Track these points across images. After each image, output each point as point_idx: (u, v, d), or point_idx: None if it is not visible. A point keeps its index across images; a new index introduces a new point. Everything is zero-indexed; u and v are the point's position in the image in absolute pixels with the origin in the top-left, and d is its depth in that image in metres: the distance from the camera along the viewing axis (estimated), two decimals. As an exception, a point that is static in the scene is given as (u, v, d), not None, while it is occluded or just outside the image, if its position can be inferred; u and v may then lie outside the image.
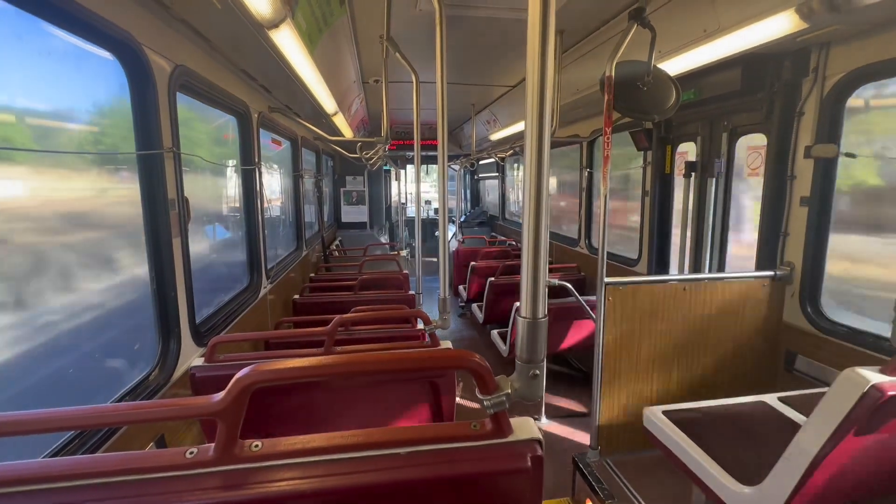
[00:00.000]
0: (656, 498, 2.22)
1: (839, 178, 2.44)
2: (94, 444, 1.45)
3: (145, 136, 1.88)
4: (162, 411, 0.79)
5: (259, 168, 3.35)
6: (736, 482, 1.57)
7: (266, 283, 3.46)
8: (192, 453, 0.79)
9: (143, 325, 1.95)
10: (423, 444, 0.85)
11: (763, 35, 2.16)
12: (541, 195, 0.79)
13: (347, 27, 3.11)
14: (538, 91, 0.76)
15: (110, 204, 1.94)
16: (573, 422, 3.67)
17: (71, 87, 1.68)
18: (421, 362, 0.94)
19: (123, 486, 0.75)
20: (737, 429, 1.90)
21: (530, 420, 0.92)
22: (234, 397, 0.76)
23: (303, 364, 0.79)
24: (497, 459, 0.85)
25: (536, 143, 0.77)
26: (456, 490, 0.85)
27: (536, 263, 0.81)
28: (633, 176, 4.67)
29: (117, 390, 1.72)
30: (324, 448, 0.82)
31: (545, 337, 0.84)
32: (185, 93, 2.27)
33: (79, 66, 1.70)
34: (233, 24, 2.00)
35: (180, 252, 2.06)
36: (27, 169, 1.46)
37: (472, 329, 6.03)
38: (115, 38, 1.64)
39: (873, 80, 2.25)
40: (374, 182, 9.69)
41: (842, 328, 2.39)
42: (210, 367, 1.76)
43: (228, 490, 0.76)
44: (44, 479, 0.74)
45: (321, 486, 0.79)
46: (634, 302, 2.50)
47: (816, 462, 1.26)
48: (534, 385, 0.85)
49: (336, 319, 1.92)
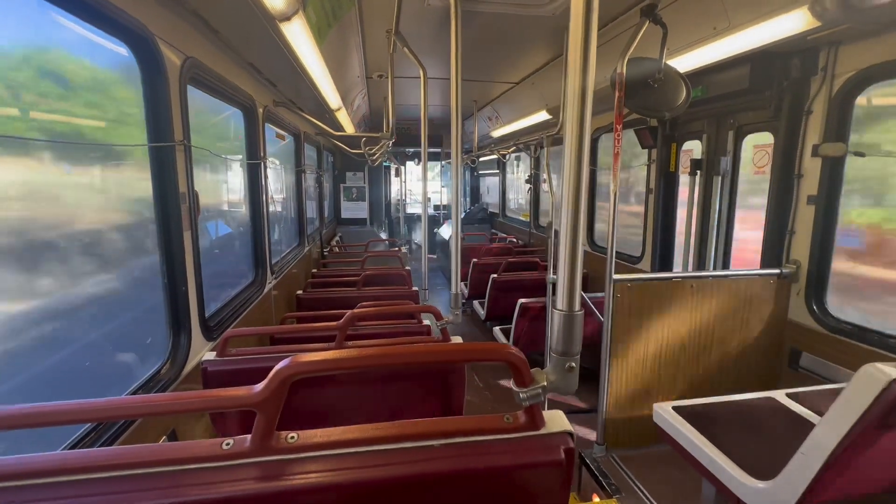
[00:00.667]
0: (663, 493, 2.23)
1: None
2: (109, 438, 1.45)
3: (157, 128, 1.86)
4: (205, 401, 0.79)
5: (265, 163, 3.33)
6: (749, 477, 1.58)
7: (271, 278, 3.45)
8: (228, 444, 0.78)
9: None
10: (458, 436, 0.85)
11: (774, 33, 2.17)
12: (580, 190, 0.79)
13: (355, 21, 3.10)
14: (580, 87, 0.76)
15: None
16: (578, 418, 3.69)
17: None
18: (456, 354, 0.94)
19: (159, 476, 0.75)
20: (746, 424, 1.92)
21: (561, 413, 0.92)
22: (275, 389, 0.76)
23: (342, 356, 0.79)
24: (531, 452, 0.85)
25: (577, 137, 0.77)
26: (490, 482, 0.85)
27: (574, 258, 0.81)
28: (635, 174, 4.68)
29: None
30: (358, 440, 0.82)
31: (581, 329, 0.84)
32: (195, 86, 2.25)
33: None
34: (244, 16, 1.98)
35: (191, 246, 2.05)
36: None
37: (473, 325, 6.04)
38: (130, 29, 1.63)
39: (883, 80, 2.26)
40: (375, 178, 9.67)
41: (847, 326, 2.41)
42: (222, 362, 1.75)
43: (266, 481, 0.76)
44: (79, 470, 0.73)
45: (357, 478, 0.79)
46: (642, 299, 2.51)
47: (833, 457, 1.27)
48: (569, 378, 0.85)
49: (349, 314, 1.91)
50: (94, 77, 1.77)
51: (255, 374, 1.54)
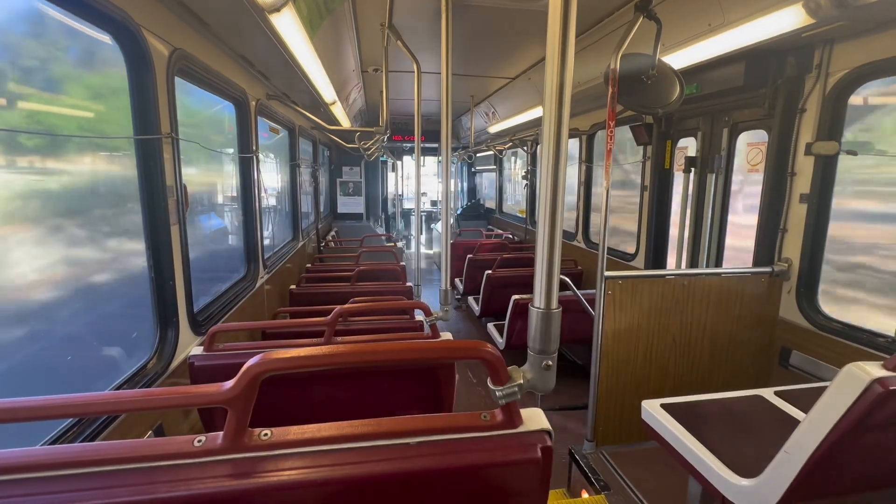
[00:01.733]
0: (652, 489, 2.24)
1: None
2: (92, 433, 1.44)
3: (143, 120, 1.84)
4: (172, 398, 0.78)
5: (257, 156, 3.31)
6: (734, 474, 1.58)
7: (263, 272, 3.44)
8: (200, 441, 0.77)
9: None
10: (434, 434, 0.84)
11: (769, 30, 2.15)
12: (557, 188, 0.78)
13: (348, 13, 3.07)
14: (558, 84, 0.75)
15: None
16: (568, 414, 3.70)
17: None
18: (433, 352, 0.94)
19: (132, 473, 0.74)
20: (734, 422, 1.92)
21: (539, 411, 0.92)
22: (245, 385, 0.75)
23: (315, 353, 0.78)
24: (507, 450, 0.85)
25: (555, 136, 0.76)
26: (466, 480, 0.84)
27: (552, 255, 0.80)
28: (629, 171, 4.67)
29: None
30: (333, 437, 0.81)
31: (559, 328, 0.83)
32: (184, 77, 2.23)
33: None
34: (233, 7, 1.96)
35: (178, 240, 2.03)
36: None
37: (468, 321, 6.04)
38: (114, 19, 1.60)
39: (876, 78, 2.25)
40: (371, 173, 9.64)
41: (837, 324, 2.42)
42: (209, 357, 1.75)
43: (238, 478, 0.75)
44: (50, 466, 0.72)
45: (331, 475, 0.78)
46: (634, 296, 2.51)
47: (816, 455, 1.28)
48: (546, 376, 0.85)
49: (337, 310, 1.90)
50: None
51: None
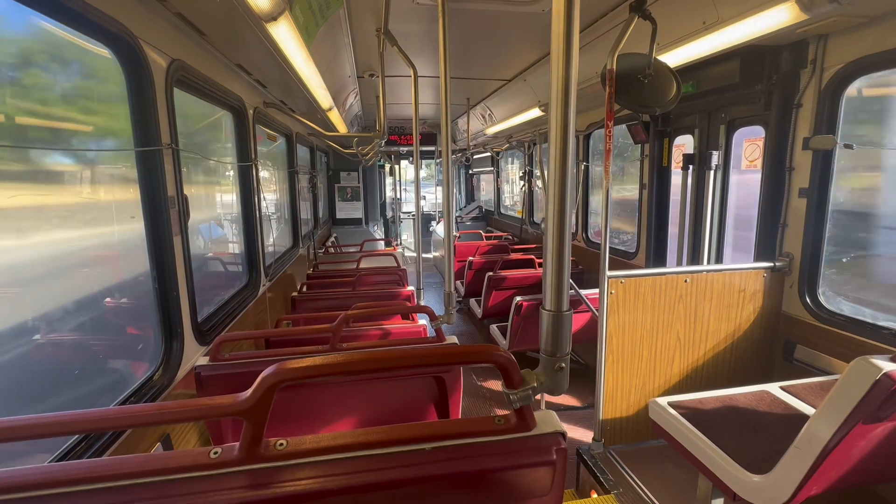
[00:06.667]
0: (660, 488, 2.24)
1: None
2: (100, 447, 1.43)
3: (143, 131, 1.84)
4: (188, 411, 0.78)
5: (256, 164, 3.31)
6: (744, 471, 1.58)
7: (265, 280, 3.43)
8: (216, 453, 0.77)
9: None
10: (448, 439, 0.84)
11: (763, 27, 2.17)
12: (565, 189, 0.78)
13: (344, 20, 3.07)
14: (563, 84, 0.75)
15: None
16: (574, 415, 3.69)
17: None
18: (445, 357, 0.93)
19: (148, 487, 0.73)
20: (741, 418, 1.92)
21: (553, 413, 0.92)
22: (261, 396, 0.75)
23: (329, 361, 0.78)
24: (523, 453, 0.84)
25: (561, 137, 0.76)
26: (482, 484, 0.84)
27: (561, 256, 0.80)
28: (627, 169, 4.68)
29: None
30: (349, 445, 0.81)
31: (570, 329, 0.83)
32: (182, 88, 2.23)
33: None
34: (230, 17, 1.96)
35: (181, 250, 2.03)
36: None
37: (470, 324, 6.03)
38: (112, 33, 1.60)
39: (871, 72, 2.27)
40: (369, 178, 9.64)
41: (840, 318, 2.42)
42: (216, 366, 1.74)
43: (255, 489, 0.75)
44: (67, 483, 0.72)
45: (348, 484, 0.78)
46: (636, 294, 2.51)
47: (827, 450, 1.28)
48: (559, 378, 0.85)
49: (342, 316, 1.90)
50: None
51: (248, 378, 1.52)
